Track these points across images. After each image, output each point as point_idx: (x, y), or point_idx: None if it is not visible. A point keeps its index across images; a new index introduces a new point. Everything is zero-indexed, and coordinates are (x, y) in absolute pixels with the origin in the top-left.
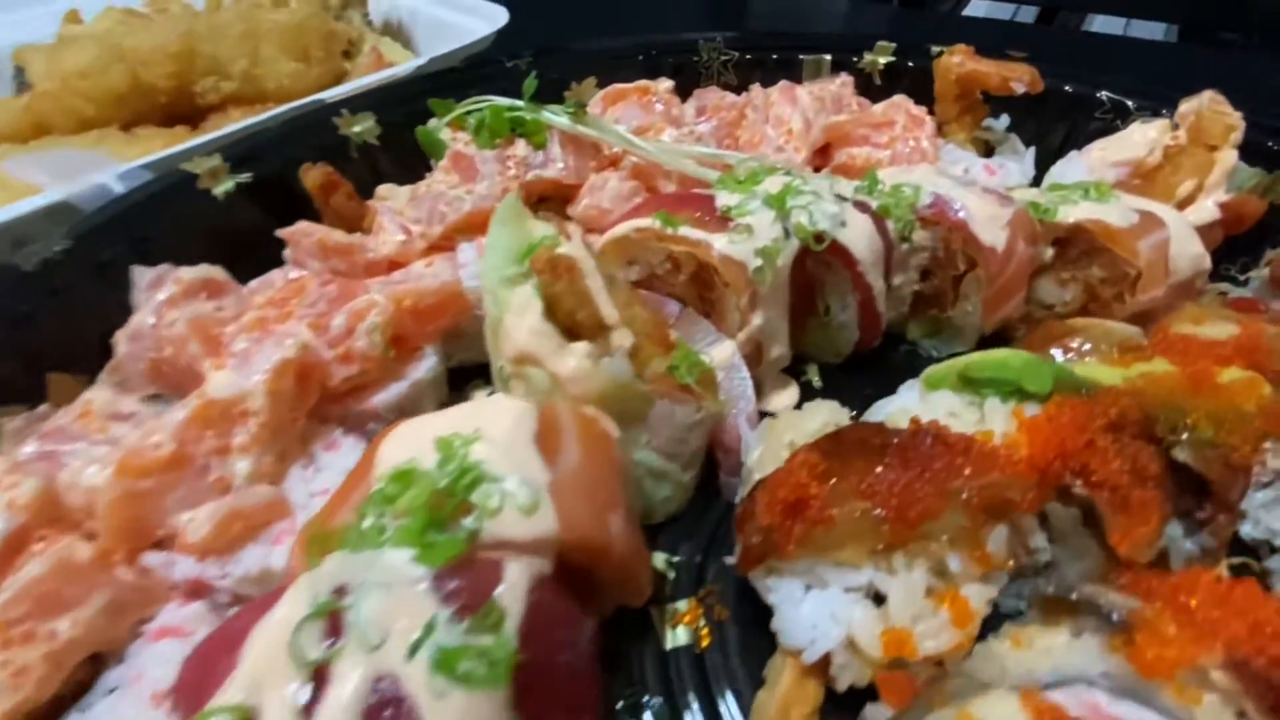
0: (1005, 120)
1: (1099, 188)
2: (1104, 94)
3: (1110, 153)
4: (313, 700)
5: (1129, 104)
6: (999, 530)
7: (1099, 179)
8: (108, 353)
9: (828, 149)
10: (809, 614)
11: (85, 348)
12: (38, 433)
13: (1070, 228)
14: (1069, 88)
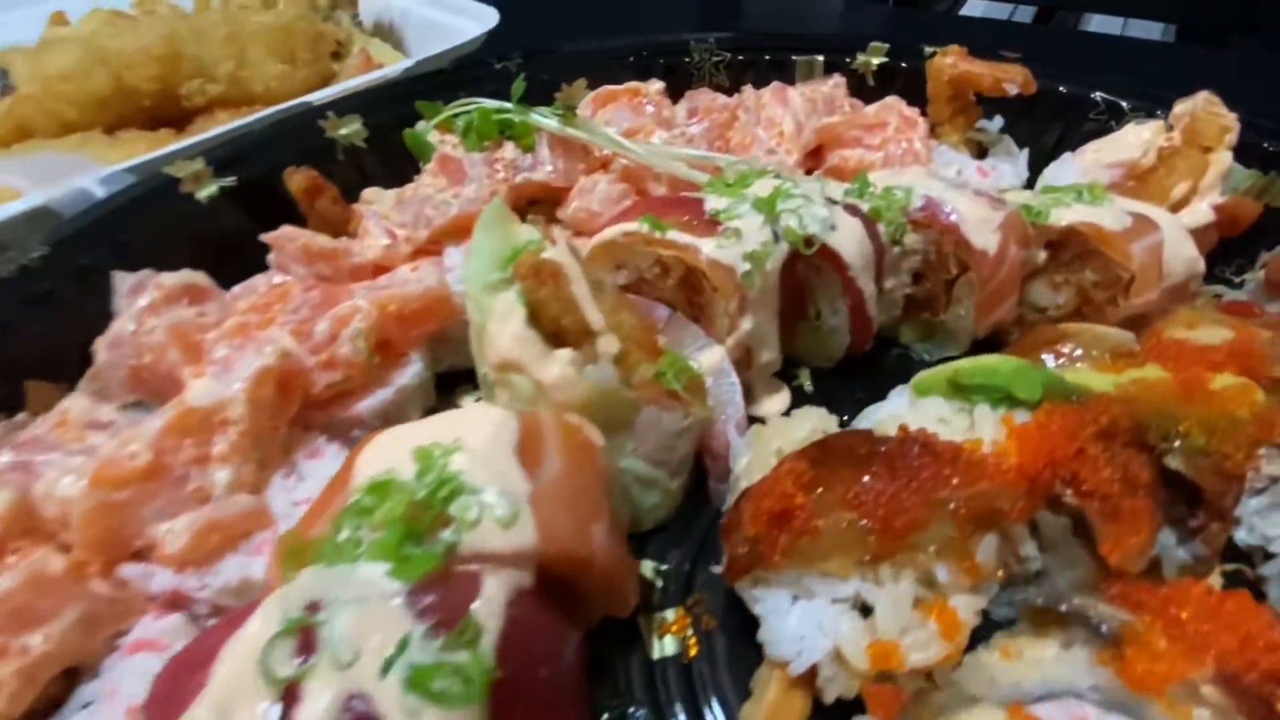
0: (999, 121)
1: (1092, 190)
2: (1098, 95)
3: (1104, 154)
4: (283, 719)
5: (1123, 105)
6: (988, 540)
7: (1093, 181)
8: (88, 360)
9: (820, 151)
10: (796, 625)
11: (65, 355)
12: (13, 442)
13: (1063, 231)
14: (1063, 89)
